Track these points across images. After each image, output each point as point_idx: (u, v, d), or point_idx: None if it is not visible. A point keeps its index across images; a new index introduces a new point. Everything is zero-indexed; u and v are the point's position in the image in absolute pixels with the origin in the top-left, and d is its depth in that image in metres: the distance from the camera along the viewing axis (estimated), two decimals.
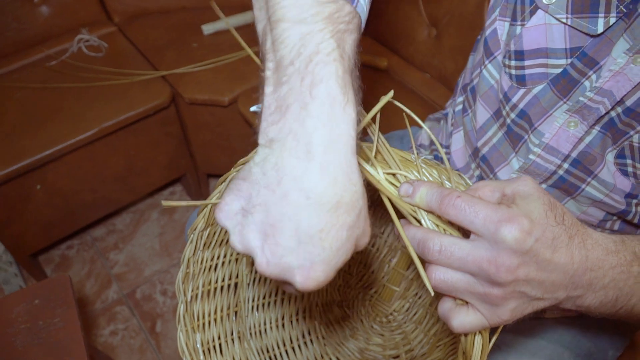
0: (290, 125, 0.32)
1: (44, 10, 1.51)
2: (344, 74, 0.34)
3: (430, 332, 0.75)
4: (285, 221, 0.32)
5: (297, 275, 0.33)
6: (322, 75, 0.33)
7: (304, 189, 0.31)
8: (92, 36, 1.51)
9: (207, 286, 0.63)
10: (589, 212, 0.59)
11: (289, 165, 0.32)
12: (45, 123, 1.27)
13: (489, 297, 0.36)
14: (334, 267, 0.33)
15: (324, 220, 0.31)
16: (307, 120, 0.32)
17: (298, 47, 0.33)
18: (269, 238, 0.33)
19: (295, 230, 0.32)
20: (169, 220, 1.73)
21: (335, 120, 0.32)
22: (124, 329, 1.47)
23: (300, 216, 0.31)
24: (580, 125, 0.53)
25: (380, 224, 0.81)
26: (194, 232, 0.57)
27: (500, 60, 0.59)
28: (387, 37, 1.55)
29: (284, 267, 0.33)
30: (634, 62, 0.46)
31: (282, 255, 0.33)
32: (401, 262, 0.80)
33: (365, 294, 0.83)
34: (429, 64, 1.45)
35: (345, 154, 0.32)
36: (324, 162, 0.31)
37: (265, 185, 0.33)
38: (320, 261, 0.32)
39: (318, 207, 0.31)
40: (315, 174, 0.31)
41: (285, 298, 0.76)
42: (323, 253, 0.32)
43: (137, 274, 1.60)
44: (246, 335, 0.69)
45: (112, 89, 1.37)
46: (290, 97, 0.33)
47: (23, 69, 1.44)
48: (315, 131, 0.32)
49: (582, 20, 0.49)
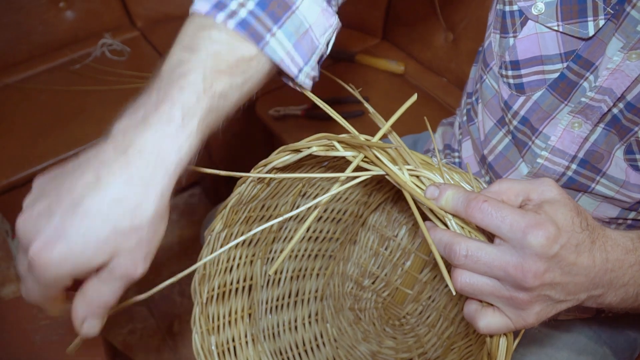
0: (126, 128, 0.37)
1: (69, 14, 1.54)
2: (196, 104, 0.38)
3: (444, 335, 0.75)
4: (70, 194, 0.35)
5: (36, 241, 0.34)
6: (173, 96, 0.37)
7: (100, 175, 0.35)
8: (115, 41, 1.54)
9: (222, 288, 0.64)
10: (602, 208, 0.60)
11: (102, 156, 0.36)
12: (68, 125, 1.30)
13: (514, 301, 0.37)
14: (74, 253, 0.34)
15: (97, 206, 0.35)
16: (139, 127, 0.36)
17: (174, 67, 0.38)
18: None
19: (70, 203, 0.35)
20: (188, 221, 1.75)
21: (163, 143, 0.36)
22: (142, 328, 1.50)
23: (84, 197, 0.35)
24: (585, 125, 0.54)
25: (393, 227, 0.82)
26: (212, 233, 0.59)
27: (497, 71, 0.61)
28: (404, 42, 1.55)
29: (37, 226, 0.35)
30: (629, 58, 0.48)
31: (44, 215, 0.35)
32: (415, 265, 0.81)
33: (378, 296, 0.84)
34: (446, 69, 1.45)
35: (156, 172, 0.36)
36: (124, 162, 0.36)
37: (81, 172, 0.36)
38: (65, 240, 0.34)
39: (101, 192, 0.35)
40: (114, 178, 0.35)
41: (298, 300, 0.77)
42: (74, 234, 0.34)
43: (155, 275, 1.62)
44: (260, 338, 0.70)
45: (135, 92, 1.38)
46: (143, 107, 0.38)
47: (48, 71, 1.48)
48: (143, 146, 0.36)
49: (572, 25, 0.51)
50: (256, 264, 0.69)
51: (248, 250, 0.67)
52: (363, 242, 0.83)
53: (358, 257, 0.83)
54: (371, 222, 0.82)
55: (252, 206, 0.62)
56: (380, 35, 1.61)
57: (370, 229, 0.82)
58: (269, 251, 0.71)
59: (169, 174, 0.37)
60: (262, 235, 0.68)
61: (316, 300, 0.78)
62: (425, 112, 1.06)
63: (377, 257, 0.83)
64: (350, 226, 0.79)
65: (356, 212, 0.78)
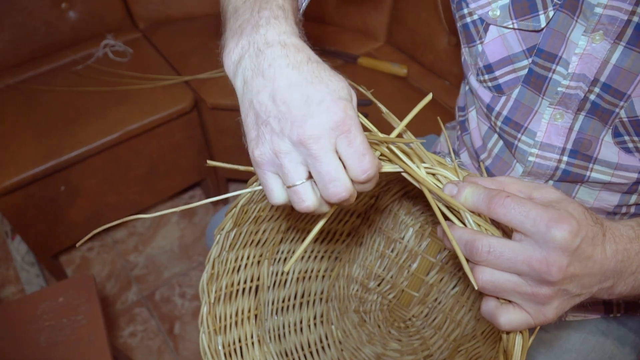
0: (248, 38, 0.41)
1: (71, 15, 1.54)
2: (284, 4, 0.45)
3: (451, 338, 0.75)
4: (291, 89, 0.38)
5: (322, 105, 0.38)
6: (267, 5, 0.43)
7: (281, 65, 0.39)
8: (118, 42, 1.54)
9: (229, 288, 0.64)
10: (602, 196, 0.61)
11: (263, 62, 0.39)
12: (71, 125, 1.30)
13: (536, 297, 0.37)
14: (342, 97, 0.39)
15: (308, 71, 0.39)
16: (259, 29, 0.41)
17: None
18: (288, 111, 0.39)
19: (297, 91, 0.38)
20: (188, 223, 1.75)
21: (279, 25, 0.42)
22: (143, 330, 1.49)
23: (295, 77, 0.39)
24: (566, 115, 0.57)
25: (400, 229, 0.82)
26: (221, 232, 0.58)
27: (474, 79, 0.64)
28: (407, 45, 1.55)
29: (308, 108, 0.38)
30: (594, 40, 0.51)
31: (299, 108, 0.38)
32: (421, 267, 0.81)
33: (384, 299, 0.83)
34: (449, 72, 1.45)
35: (293, 36, 0.41)
36: (281, 41, 0.40)
37: (257, 90, 0.39)
38: (334, 94, 0.38)
39: (299, 64, 0.39)
40: (279, 50, 0.40)
41: (304, 302, 0.76)
42: (327, 88, 0.38)
43: (156, 276, 1.62)
44: (265, 339, 0.69)
45: (137, 93, 1.39)
46: (244, 24, 0.42)
47: (50, 72, 1.48)
48: (267, 32, 0.41)
49: (526, 21, 0.55)
50: (263, 264, 0.69)
51: (256, 251, 0.67)
52: (369, 244, 0.83)
53: (364, 259, 0.83)
54: (377, 224, 0.82)
55: (262, 205, 0.62)
56: (383, 38, 1.61)
57: (376, 231, 0.82)
58: (276, 252, 0.71)
59: (299, 37, 0.43)
60: (269, 235, 0.67)
61: (321, 302, 0.78)
62: (428, 115, 1.06)
63: (383, 259, 0.83)
64: (357, 228, 0.79)
65: (363, 214, 0.78)
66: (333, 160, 0.38)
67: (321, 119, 0.37)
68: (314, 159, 0.38)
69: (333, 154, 0.38)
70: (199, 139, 1.53)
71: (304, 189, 0.40)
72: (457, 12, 0.63)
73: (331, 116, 0.37)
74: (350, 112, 0.38)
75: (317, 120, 0.37)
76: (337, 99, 0.38)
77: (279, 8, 0.43)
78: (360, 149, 0.38)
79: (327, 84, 0.38)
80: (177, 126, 1.43)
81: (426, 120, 1.21)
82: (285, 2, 0.45)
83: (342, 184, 0.38)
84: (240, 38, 0.42)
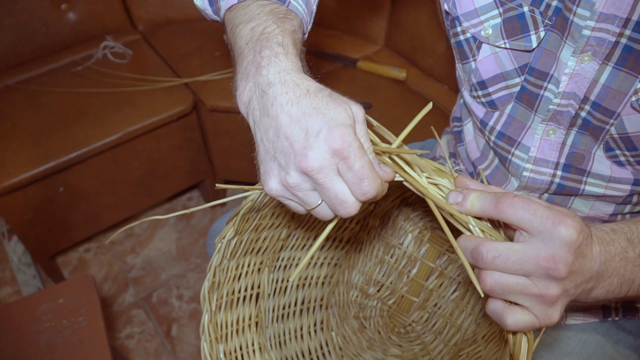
0: (254, 80, 0.43)
1: (71, 17, 1.54)
2: (284, 40, 0.46)
3: (451, 342, 0.75)
4: (291, 125, 0.40)
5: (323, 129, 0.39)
6: (267, 44, 0.45)
7: (282, 102, 0.41)
8: (117, 43, 1.54)
9: (230, 296, 0.64)
10: (597, 206, 0.62)
11: (266, 102, 0.42)
12: (70, 126, 1.30)
13: (544, 297, 0.38)
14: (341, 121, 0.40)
15: (306, 104, 0.40)
16: (262, 70, 0.43)
17: (250, 35, 0.47)
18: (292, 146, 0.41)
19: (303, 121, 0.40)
20: (186, 225, 1.75)
21: (279, 63, 0.43)
22: (140, 332, 1.49)
23: (295, 112, 0.40)
24: (559, 131, 0.58)
25: (399, 235, 0.82)
26: (222, 240, 0.59)
27: (468, 94, 0.65)
28: (406, 49, 1.56)
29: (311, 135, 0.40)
30: (582, 61, 0.52)
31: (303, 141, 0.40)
32: (421, 272, 0.81)
33: (383, 304, 0.84)
34: (448, 76, 1.46)
35: (293, 72, 0.43)
36: (281, 80, 0.42)
37: (265, 129, 0.42)
38: (331, 122, 0.39)
39: (298, 99, 0.41)
40: (279, 88, 0.41)
41: (304, 309, 0.77)
42: (324, 117, 0.39)
43: (153, 278, 1.62)
44: (266, 346, 0.70)
45: (136, 94, 1.39)
46: (249, 66, 0.45)
47: (50, 73, 1.47)
48: (268, 73, 0.43)
49: (517, 41, 0.57)
50: (264, 272, 0.69)
51: (256, 258, 0.67)
52: (368, 250, 0.83)
53: (363, 265, 0.83)
54: (376, 230, 0.82)
55: (263, 214, 0.62)
56: (382, 42, 1.62)
57: (375, 237, 0.83)
58: (277, 259, 0.71)
59: (302, 73, 0.44)
60: (270, 243, 0.68)
61: (321, 309, 0.79)
62: (427, 118, 1.05)
63: (382, 265, 0.83)
64: (356, 234, 0.80)
65: (362, 221, 0.79)
66: (338, 184, 0.41)
67: (320, 149, 0.39)
68: (320, 186, 0.41)
69: (337, 178, 0.41)
70: (198, 140, 1.53)
71: (322, 210, 0.44)
72: (450, 29, 0.64)
73: (330, 144, 0.39)
74: (348, 138, 0.39)
75: (316, 151, 0.39)
76: (334, 126, 0.39)
77: (278, 45, 0.45)
78: (359, 174, 0.40)
79: (324, 114, 0.40)
80: (176, 128, 1.43)
81: (426, 124, 1.21)
82: (285, 37, 0.47)
83: (350, 204, 0.41)
84: (247, 81, 0.44)
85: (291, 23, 0.49)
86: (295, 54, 0.46)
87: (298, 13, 0.52)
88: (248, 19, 0.49)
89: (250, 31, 0.47)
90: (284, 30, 0.47)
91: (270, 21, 0.48)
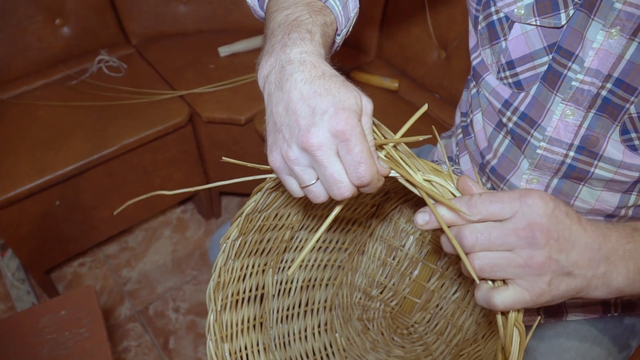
0: (276, 57, 0.45)
1: (65, 31, 1.55)
2: (313, 28, 0.49)
3: (453, 343, 0.76)
4: (301, 101, 0.42)
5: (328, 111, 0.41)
6: (297, 29, 0.47)
7: (296, 79, 0.42)
8: (112, 57, 1.55)
9: (235, 296, 0.65)
10: (603, 197, 0.63)
11: (283, 77, 0.43)
12: (66, 140, 1.30)
13: (530, 266, 0.40)
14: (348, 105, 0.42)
15: (319, 85, 0.42)
16: (286, 49, 0.45)
17: (284, 19, 0.50)
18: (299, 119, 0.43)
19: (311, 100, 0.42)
20: (181, 237, 1.74)
21: (304, 45, 0.46)
22: (137, 345, 1.48)
23: (307, 90, 0.42)
24: (577, 113, 0.59)
25: (401, 237, 0.83)
26: (227, 240, 0.59)
27: (494, 77, 0.67)
28: (398, 60, 1.58)
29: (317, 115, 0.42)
30: (610, 36, 0.54)
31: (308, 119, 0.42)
32: (422, 274, 0.82)
33: (386, 306, 0.84)
34: (439, 85, 1.48)
35: (313, 55, 0.45)
36: (301, 59, 0.44)
37: (276, 102, 0.44)
38: (339, 104, 0.41)
39: (312, 79, 0.42)
40: (297, 66, 0.43)
41: (308, 310, 0.77)
42: (333, 99, 0.41)
43: (149, 291, 1.61)
44: (271, 347, 0.70)
45: (132, 108, 1.40)
46: (276, 44, 0.47)
47: (45, 87, 1.48)
48: (291, 51, 0.45)
49: (548, 19, 0.59)
50: (268, 273, 0.70)
51: (260, 259, 0.68)
52: (371, 252, 0.84)
53: (366, 267, 0.84)
54: (379, 232, 0.83)
55: (266, 215, 0.63)
56: (374, 53, 1.64)
57: (377, 240, 0.84)
58: (281, 260, 0.72)
59: (323, 58, 0.47)
60: (274, 244, 0.68)
61: (325, 310, 0.79)
62: (419, 127, 1.07)
63: (384, 267, 0.84)
64: (359, 237, 0.81)
65: (364, 223, 0.80)
66: (335, 164, 0.42)
67: (323, 128, 0.41)
68: (318, 164, 0.42)
69: (335, 158, 0.42)
70: (193, 152, 1.53)
71: (315, 189, 0.45)
72: (483, 11, 0.66)
73: (333, 125, 0.40)
74: (351, 122, 0.41)
75: (319, 129, 0.41)
76: (340, 109, 0.41)
77: (307, 32, 0.48)
78: (357, 157, 0.41)
79: (334, 96, 0.41)
80: (172, 140, 1.43)
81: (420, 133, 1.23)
82: (315, 27, 0.49)
83: (344, 185, 0.43)
84: (270, 57, 0.46)
85: (324, 17, 0.52)
86: (320, 43, 0.48)
87: (333, 11, 0.55)
88: (285, 7, 0.52)
89: (285, 17, 0.50)
90: (316, 21, 0.50)
91: (304, 11, 0.50)
